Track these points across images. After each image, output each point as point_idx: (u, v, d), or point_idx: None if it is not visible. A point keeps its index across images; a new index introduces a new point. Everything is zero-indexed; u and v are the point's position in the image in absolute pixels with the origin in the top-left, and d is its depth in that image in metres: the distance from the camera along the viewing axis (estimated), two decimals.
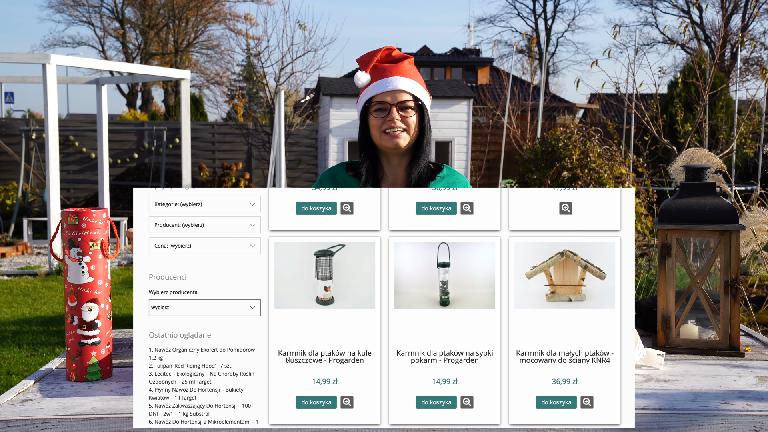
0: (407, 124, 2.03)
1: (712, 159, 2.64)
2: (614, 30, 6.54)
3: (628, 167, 7.36)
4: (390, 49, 2.07)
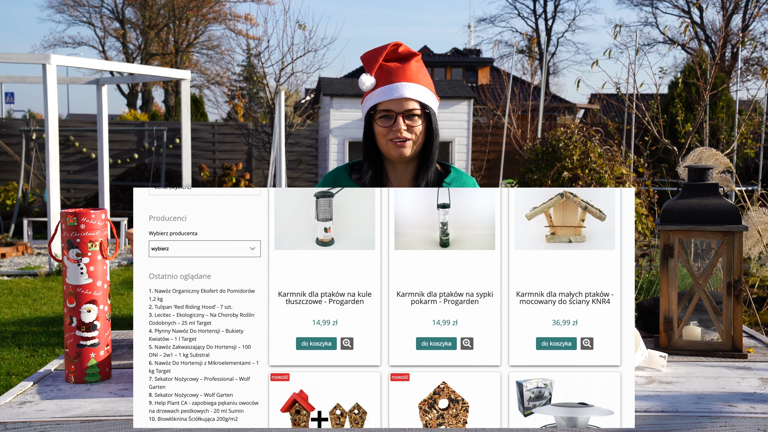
0: (413, 132, 1.96)
1: (720, 159, 2.63)
2: (615, 30, 6.53)
3: (629, 167, 7.35)
4: (397, 45, 1.98)
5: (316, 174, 14.48)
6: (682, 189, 1.91)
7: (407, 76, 1.95)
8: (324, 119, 12.92)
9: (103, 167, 10.27)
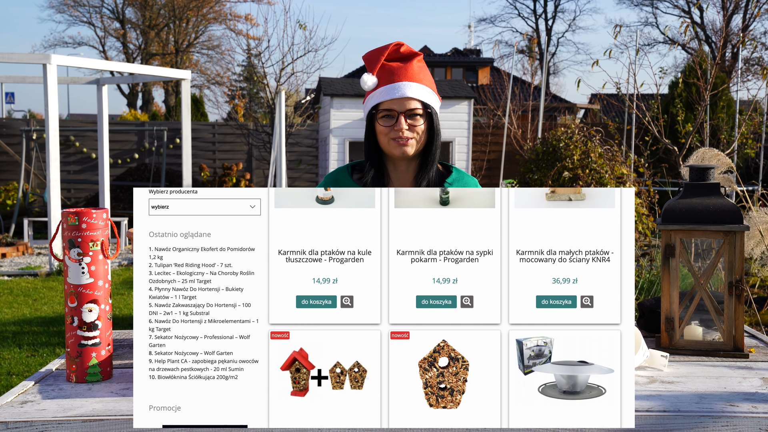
0: (415, 132, 1.96)
1: (722, 159, 2.63)
2: (615, 30, 6.52)
3: (630, 167, 7.35)
4: (399, 45, 1.98)
5: (316, 174, 14.48)
6: (684, 188, 1.90)
7: (409, 75, 1.96)
8: (324, 119, 12.92)
9: (104, 167, 10.27)
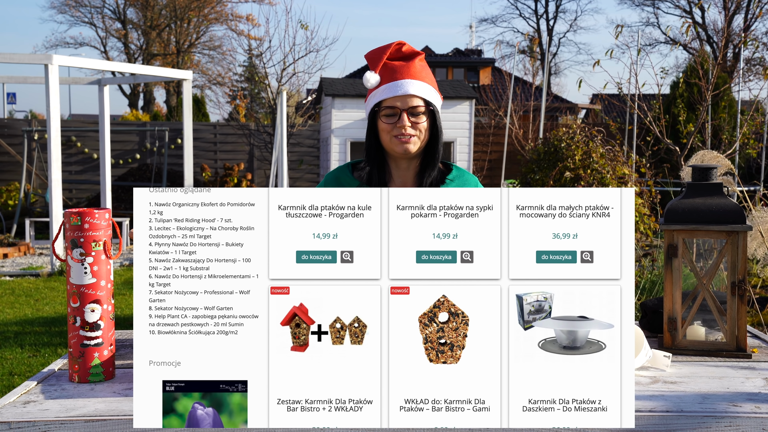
0: (418, 129, 1.97)
1: (722, 161, 2.63)
2: (616, 30, 6.52)
3: (631, 167, 7.34)
4: (401, 44, 2.00)
5: (317, 174, 14.48)
6: (686, 189, 1.90)
7: (411, 73, 1.97)
8: (326, 119, 12.92)
9: (105, 167, 10.27)
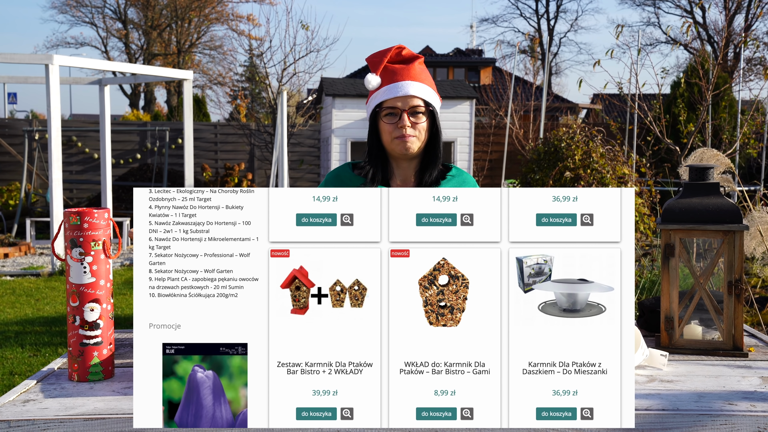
0: (418, 129, 2.01)
1: (721, 159, 2.63)
2: (617, 30, 6.53)
3: (631, 167, 7.35)
4: (401, 48, 2.05)
5: (318, 174, 14.49)
6: (683, 188, 1.91)
7: (411, 75, 2.02)
8: (326, 119, 12.92)
9: (106, 167, 10.28)
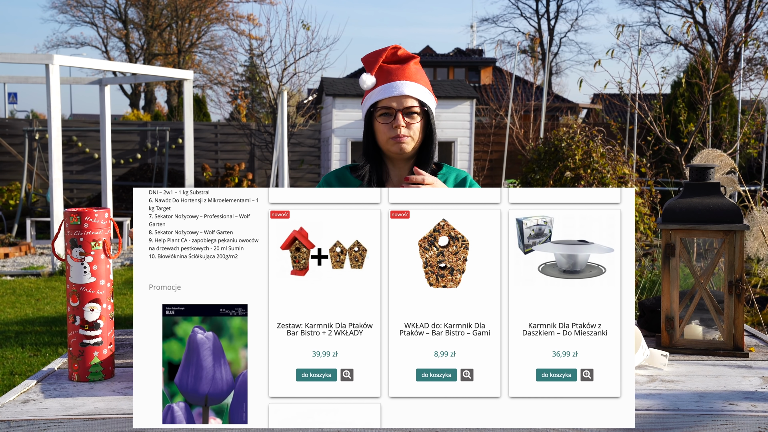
0: (413, 129, 2.02)
1: (725, 160, 2.63)
2: (617, 30, 6.53)
3: (632, 167, 7.35)
4: (396, 48, 2.05)
5: (318, 174, 14.49)
6: (684, 188, 1.91)
7: (406, 75, 2.02)
8: (326, 119, 12.92)
9: (106, 167, 10.28)
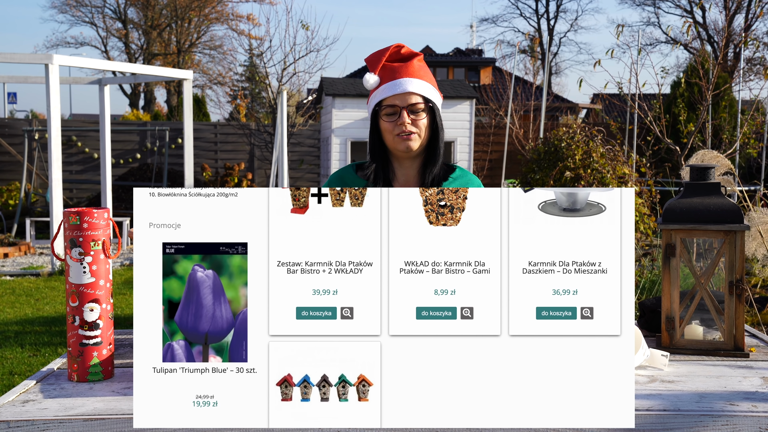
0: (418, 126, 2.00)
1: (722, 161, 2.63)
2: (617, 30, 6.53)
3: (631, 167, 7.35)
4: (399, 47, 2.04)
5: (318, 174, 14.48)
6: (684, 188, 1.90)
7: (410, 72, 2.01)
8: (326, 119, 12.92)
9: (106, 167, 10.28)
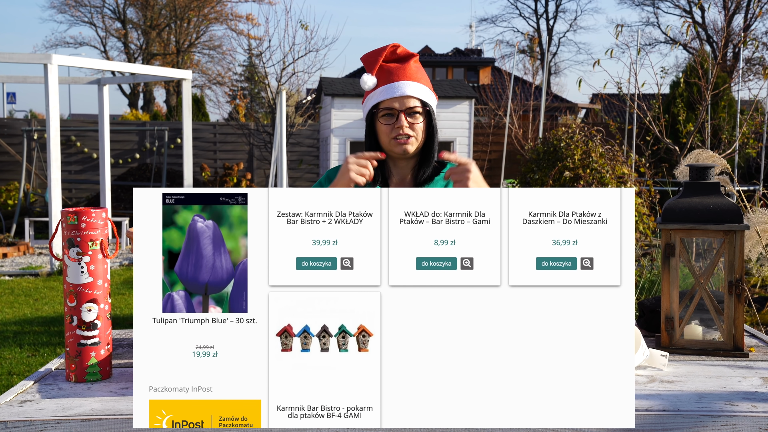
0: (415, 130, 2.01)
1: (717, 160, 2.63)
2: (616, 30, 6.53)
3: (631, 167, 7.35)
4: (395, 47, 2.04)
5: (317, 174, 14.48)
6: (684, 188, 1.90)
7: (407, 75, 2.01)
8: (325, 119, 12.91)
9: (105, 167, 10.27)
